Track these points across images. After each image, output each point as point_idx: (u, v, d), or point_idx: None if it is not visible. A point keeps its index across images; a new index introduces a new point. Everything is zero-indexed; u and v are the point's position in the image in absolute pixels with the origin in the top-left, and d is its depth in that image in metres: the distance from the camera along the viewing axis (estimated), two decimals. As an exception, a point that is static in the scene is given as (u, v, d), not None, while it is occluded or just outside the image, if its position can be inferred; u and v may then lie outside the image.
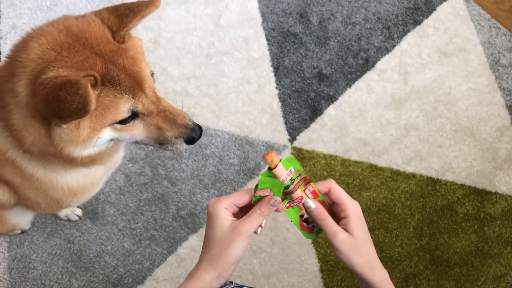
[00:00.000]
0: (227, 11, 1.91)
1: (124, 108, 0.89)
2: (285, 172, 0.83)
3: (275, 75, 1.85)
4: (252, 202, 0.81)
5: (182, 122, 0.97)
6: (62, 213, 1.58)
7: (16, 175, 1.05)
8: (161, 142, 0.99)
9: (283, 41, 1.90)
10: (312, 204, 0.82)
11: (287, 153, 1.76)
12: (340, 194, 0.83)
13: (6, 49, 1.76)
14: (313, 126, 1.81)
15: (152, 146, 1.02)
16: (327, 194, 0.84)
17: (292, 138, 1.79)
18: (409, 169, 1.79)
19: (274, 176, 0.83)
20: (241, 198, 0.81)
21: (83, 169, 1.07)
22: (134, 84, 0.90)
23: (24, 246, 1.56)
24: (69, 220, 1.59)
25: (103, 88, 0.87)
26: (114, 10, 0.93)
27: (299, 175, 0.85)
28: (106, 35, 0.90)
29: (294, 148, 1.77)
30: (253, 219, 0.78)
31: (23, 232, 1.57)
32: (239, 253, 0.78)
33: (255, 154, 1.74)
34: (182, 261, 1.60)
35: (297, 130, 1.80)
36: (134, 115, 0.93)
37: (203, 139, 1.73)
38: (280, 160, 0.82)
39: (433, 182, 1.78)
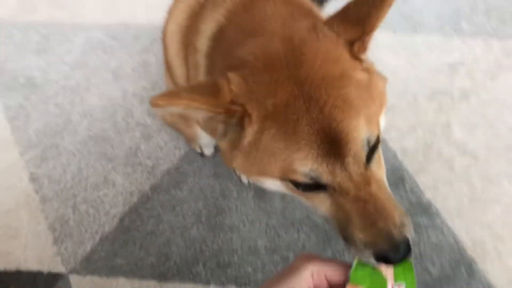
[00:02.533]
0: None
1: (299, 168, 0.67)
2: (392, 282, 0.64)
3: None
4: None
5: (384, 229, 0.68)
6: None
7: None
8: (344, 236, 0.73)
9: None
10: None
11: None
12: None
13: None
14: None
15: (333, 228, 0.76)
16: None
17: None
18: None
19: (377, 271, 0.65)
20: (336, 271, 0.64)
21: None
22: (327, 142, 0.66)
23: (193, 165, 1.61)
24: (240, 179, 1.56)
25: (270, 127, 0.67)
26: (343, 15, 0.72)
27: None
28: (336, 52, 0.70)
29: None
30: None
31: (202, 155, 1.62)
32: None
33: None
34: None
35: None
36: (317, 185, 0.70)
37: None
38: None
39: None
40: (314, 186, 0.70)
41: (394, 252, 0.66)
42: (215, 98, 0.66)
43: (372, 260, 0.67)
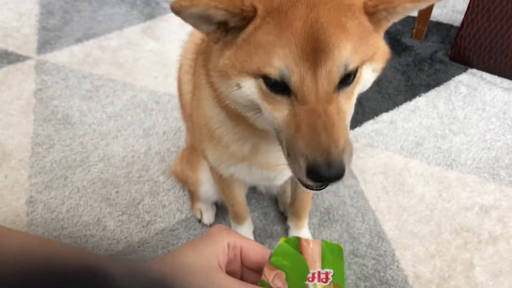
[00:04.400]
0: None
1: (276, 62, 0.71)
2: (319, 268, 0.57)
3: None
4: (258, 284, 0.58)
5: (323, 145, 0.71)
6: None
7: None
8: (288, 150, 0.77)
9: None
10: None
11: None
12: None
13: None
14: None
15: (281, 148, 0.81)
16: None
17: None
18: None
19: (300, 255, 0.58)
20: (254, 250, 0.61)
21: (225, 119, 0.97)
22: (311, 48, 0.70)
23: (189, 232, 1.55)
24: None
25: (267, 24, 0.72)
26: None
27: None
28: None
29: None
30: None
31: (200, 221, 1.57)
32: None
33: None
34: None
35: None
36: (284, 89, 0.74)
37: None
38: (322, 241, 0.60)
39: None
40: (280, 89, 0.73)
41: (326, 168, 0.70)
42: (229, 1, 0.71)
43: (305, 177, 0.70)
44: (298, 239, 0.59)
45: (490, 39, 2.09)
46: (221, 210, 1.63)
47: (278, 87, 0.74)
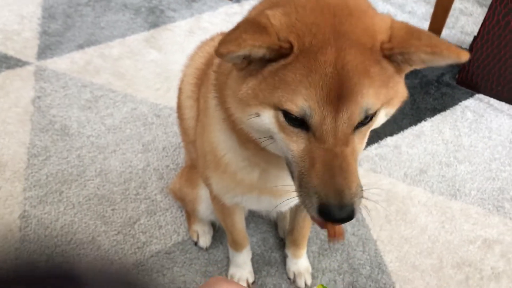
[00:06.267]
0: None
1: (299, 101, 0.72)
2: None
3: None
4: None
5: (338, 186, 0.73)
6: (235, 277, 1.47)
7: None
8: (300, 182, 0.78)
9: None
10: None
11: None
12: None
13: None
14: None
15: (293, 180, 0.83)
16: None
17: None
18: None
19: None
20: None
21: (233, 144, 0.96)
22: (335, 94, 0.71)
23: (186, 256, 1.53)
24: None
25: (297, 62, 0.72)
26: (409, 28, 0.77)
27: None
28: (375, 30, 0.74)
29: None
30: None
31: (196, 244, 1.55)
32: None
33: None
34: None
35: None
36: (303, 124, 0.75)
37: None
38: None
39: None
40: (300, 123, 0.75)
41: (338, 209, 0.73)
42: (269, 36, 0.72)
43: (314, 213, 0.73)
44: None
45: (499, 65, 2.07)
46: (219, 233, 1.61)
47: (297, 121, 0.75)
